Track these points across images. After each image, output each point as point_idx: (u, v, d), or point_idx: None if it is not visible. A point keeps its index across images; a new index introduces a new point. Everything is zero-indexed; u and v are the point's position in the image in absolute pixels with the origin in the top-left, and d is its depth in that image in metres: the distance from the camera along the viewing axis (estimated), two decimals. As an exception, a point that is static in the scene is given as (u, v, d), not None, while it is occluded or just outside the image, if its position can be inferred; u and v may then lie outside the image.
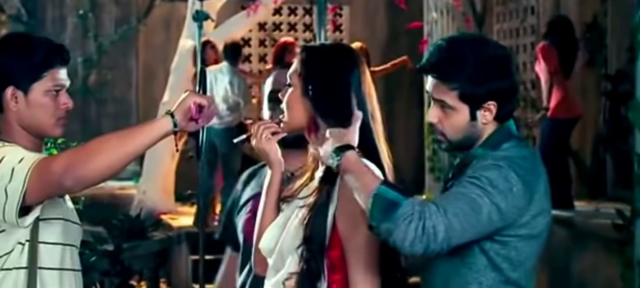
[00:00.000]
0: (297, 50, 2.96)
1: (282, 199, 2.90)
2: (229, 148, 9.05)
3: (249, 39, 12.87)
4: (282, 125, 2.88)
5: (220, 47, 9.70)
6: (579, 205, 8.56)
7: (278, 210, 2.89)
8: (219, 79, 9.18)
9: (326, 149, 2.62)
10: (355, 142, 2.63)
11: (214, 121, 8.50)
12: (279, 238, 2.80)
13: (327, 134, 2.65)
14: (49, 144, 5.15)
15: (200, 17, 5.86)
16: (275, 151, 2.92)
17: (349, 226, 2.69)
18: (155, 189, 10.38)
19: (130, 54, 12.37)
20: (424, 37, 9.95)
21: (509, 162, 2.57)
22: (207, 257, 7.78)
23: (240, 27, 10.71)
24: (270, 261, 2.84)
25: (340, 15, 12.78)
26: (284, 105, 2.86)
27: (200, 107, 2.79)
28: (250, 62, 12.92)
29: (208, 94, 2.97)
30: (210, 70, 9.07)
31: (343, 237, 2.71)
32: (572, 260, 7.35)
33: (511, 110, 2.71)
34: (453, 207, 2.47)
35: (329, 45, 3.04)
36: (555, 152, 8.18)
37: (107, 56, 12.17)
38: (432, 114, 2.70)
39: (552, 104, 8.36)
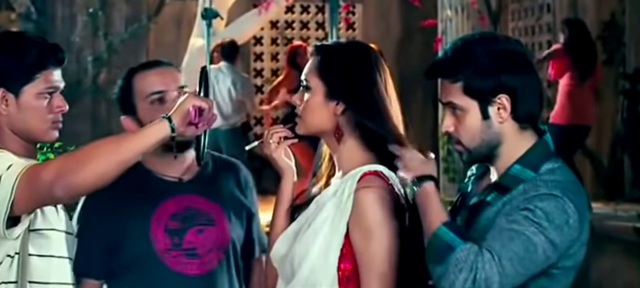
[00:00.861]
0: (309, 50, 2.80)
1: (295, 207, 2.77)
2: (235, 150, 8.93)
3: (261, 38, 12.75)
4: (297, 127, 2.74)
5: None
6: (596, 206, 8.43)
7: (290, 219, 2.76)
8: (221, 79, 9.02)
9: (406, 176, 2.51)
10: (435, 170, 2.51)
11: (219, 122, 8.35)
12: (291, 246, 2.66)
13: (404, 154, 2.52)
14: (45, 148, 4.99)
15: (209, 14, 5.75)
16: (284, 158, 2.79)
17: (363, 236, 2.55)
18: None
19: (140, 52, 12.20)
20: (438, 35, 9.82)
21: (563, 190, 2.39)
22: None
23: (251, 25, 10.56)
24: (279, 271, 2.71)
25: (353, 13, 12.63)
26: (301, 110, 2.70)
27: (200, 111, 2.62)
28: (262, 60, 12.79)
29: (210, 96, 2.77)
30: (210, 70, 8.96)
31: (356, 248, 2.56)
32: (590, 264, 7.16)
33: (532, 110, 2.51)
34: (507, 251, 2.31)
35: (345, 43, 2.87)
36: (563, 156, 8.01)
37: (117, 55, 12.01)
38: (445, 123, 2.54)
39: (557, 109, 8.31)
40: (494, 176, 2.55)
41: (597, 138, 9.41)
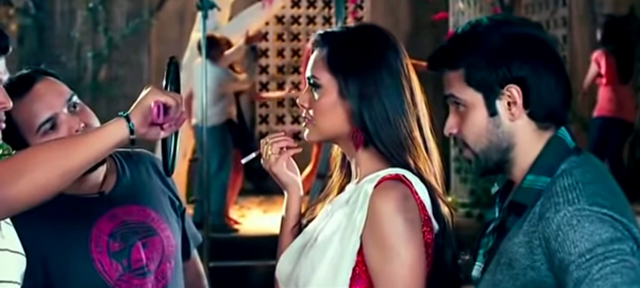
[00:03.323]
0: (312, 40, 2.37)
1: (305, 224, 2.37)
2: (219, 148, 8.57)
3: (266, 33, 12.45)
4: (307, 133, 2.32)
5: (234, 40, 9.28)
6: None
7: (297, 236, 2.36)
8: (208, 78, 8.63)
9: None
10: None
11: (199, 120, 7.99)
12: (296, 262, 2.27)
13: None
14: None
15: (205, 5, 5.44)
16: (288, 171, 2.39)
17: (379, 253, 2.14)
18: (165, 191, 9.88)
19: (142, 48, 11.94)
20: (450, 29, 9.50)
21: (589, 195, 1.94)
22: (214, 264, 7.34)
23: (255, 19, 10.26)
24: None
25: (361, 7, 12.30)
26: (311, 113, 2.29)
27: (165, 108, 2.20)
28: (267, 56, 12.50)
29: (182, 91, 2.35)
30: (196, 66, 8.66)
31: (371, 267, 2.15)
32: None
33: (552, 106, 2.06)
34: None
35: (355, 27, 2.41)
36: (610, 153, 8.24)
37: (118, 51, 11.73)
38: (448, 123, 2.14)
39: (601, 102, 8.45)
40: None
41: (615, 136, 9.15)
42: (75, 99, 2.57)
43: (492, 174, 2.16)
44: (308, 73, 2.30)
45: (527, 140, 2.07)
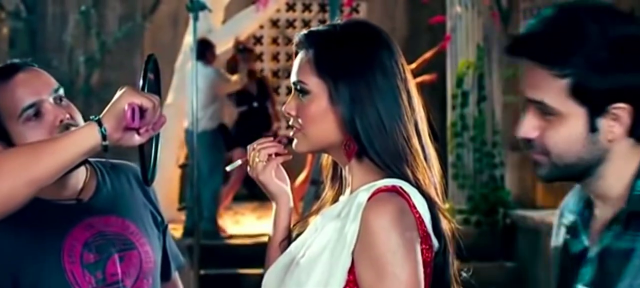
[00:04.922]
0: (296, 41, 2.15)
1: (294, 238, 2.18)
2: (211, 154, 8.41)
3: (261, 37, 12.34)
4: (295, 143, 2.11)
5: (227, 44, 9.17)
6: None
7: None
8: (200, 80, 8.52)
9: None
10: None
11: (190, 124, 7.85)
12: (282, 281, 2.09)
13: None
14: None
15: (195, 6, 5.30)
16: (276, 180, 2.19)
17: (373, 272, 1.94)
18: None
19: (135, 52, 11.79)
20: (447, 33, 9.36)
21: None
22: (206, 272, 7.20)
23: (250, 22, 10.15)
24: None
25: (357, 11, 12.18)
26: (300, 122, 2.08)
27: (141, 111, 2.03)
28: (262, 61, 12.39)
29: (163, 93, 2.16)
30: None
31: (365, 286, 1.96)
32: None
33: None
34: None
35: (343, 24, 2.14)
36: None
37: (111, 55, 11.60)
38: (525, 125, 1.81)
39: None
40: (604, 210, 1.84)
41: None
42: (61, 91, 2.41)
43: (561, 181, 1.87)
44: (293, 78, 2.09)
45: (621, 156, 1.79)
